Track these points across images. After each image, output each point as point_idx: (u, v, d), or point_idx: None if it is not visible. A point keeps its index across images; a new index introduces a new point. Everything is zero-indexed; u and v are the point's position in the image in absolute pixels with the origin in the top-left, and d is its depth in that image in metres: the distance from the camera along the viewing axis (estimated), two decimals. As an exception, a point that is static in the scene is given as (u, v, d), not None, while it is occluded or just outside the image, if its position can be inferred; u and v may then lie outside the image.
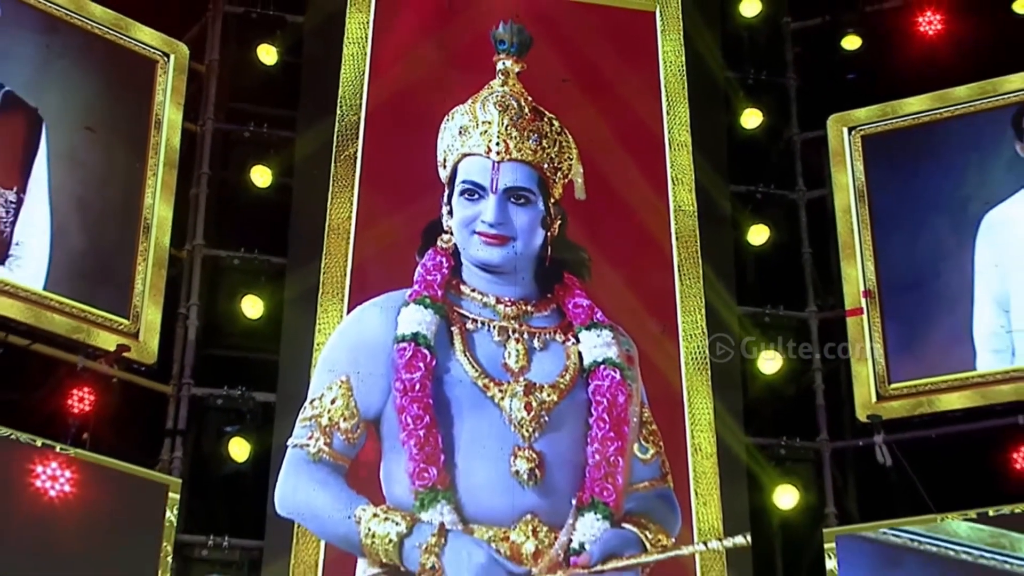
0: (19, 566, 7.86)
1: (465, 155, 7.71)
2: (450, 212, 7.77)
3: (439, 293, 7.63)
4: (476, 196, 7.65)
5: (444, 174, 7.80)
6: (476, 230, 7.65)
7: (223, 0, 10.05)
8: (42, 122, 8.91)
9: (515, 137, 7.68)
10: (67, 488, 8.10)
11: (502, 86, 7.93)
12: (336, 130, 9.43)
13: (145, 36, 9.51)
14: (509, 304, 7.66)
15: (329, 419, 7.32)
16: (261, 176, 9.68)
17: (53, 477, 8.07)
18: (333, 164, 9.33)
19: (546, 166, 7.71)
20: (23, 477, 8.05)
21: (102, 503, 8.28)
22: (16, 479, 8.04)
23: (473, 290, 7.72)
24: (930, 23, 10.21)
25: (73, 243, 8.90)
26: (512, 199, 7.63)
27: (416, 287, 7.69)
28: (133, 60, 9.47)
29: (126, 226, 9.11)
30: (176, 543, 8.46)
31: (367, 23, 9.74)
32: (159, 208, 9.21)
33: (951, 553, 8.44)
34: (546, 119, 7.90)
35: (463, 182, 7.69)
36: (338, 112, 9.48)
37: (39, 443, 8.18)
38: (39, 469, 8.06)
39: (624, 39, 10.09)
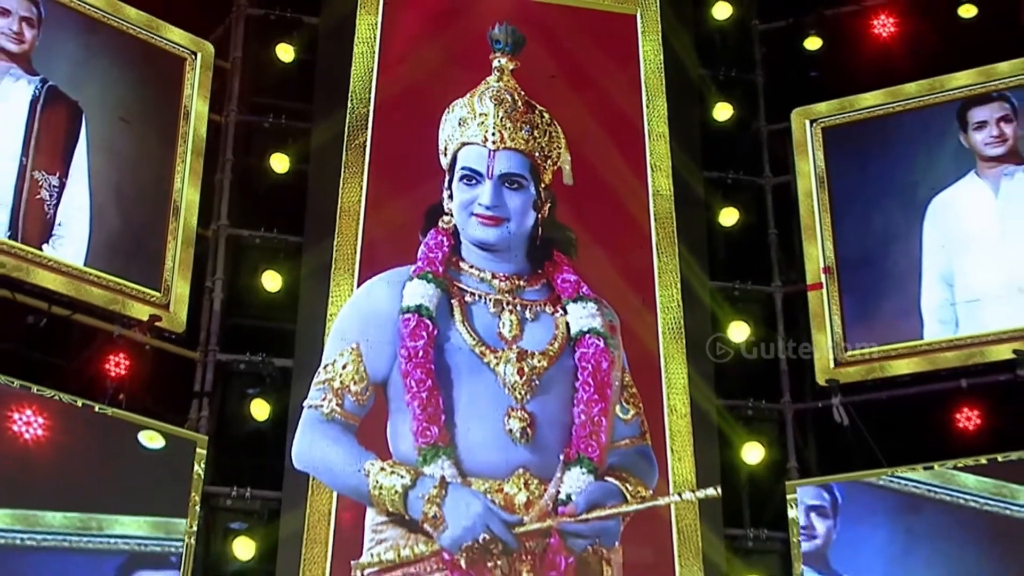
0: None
1: (464, 144, 7.79)
2: (450, 196, 7.85)
3: (440, 269, 7.71)
4: (474, 181, 7.73)
5: (445, 161, 7.89)
6: (474, 212, 7.74)
7: (245, 3, 10.05)
8: (82, 114, 8.96)
9: (509, 128, 7.76)
10: (105, 446, 8.24)
11: (497, 82, 8.00)
12: (347, 121, 9.49)
13: (175, 36, 9.56)
14: (503, 279, 7.74)
15: (341, 382, 7.42)
16: (279, 163, 9.70)
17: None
18: (345, 152, 9.39)
19: (537, 154, 7.80)
20: (65, 436, 8.12)
21: (136, 458, 8.35)
22: (59, 437, 8.07)
23: (471, 266, 7.80)
24: (884, 25, 10.28)
25: (110, 223, 8.94)
26: (506, 184, 7.72)
27: (419, 264, 7.77)
28: (164, 58, 9.51)
29: (157, 208, 9.16)
30: (204, 494, 8.51)
31: (375, 25, 9.77)
32: (187, 192, 9.27)
33: (960, 501, 8.52)
34: (537, 111, 7.97)
35: (462, 168, 7.77)
36: (349, 105, 9.54)
37: (80, 403, 8.24)
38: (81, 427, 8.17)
39: (607, 39, 10.11)
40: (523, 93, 8.05)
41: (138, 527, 8.15)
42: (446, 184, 7.90)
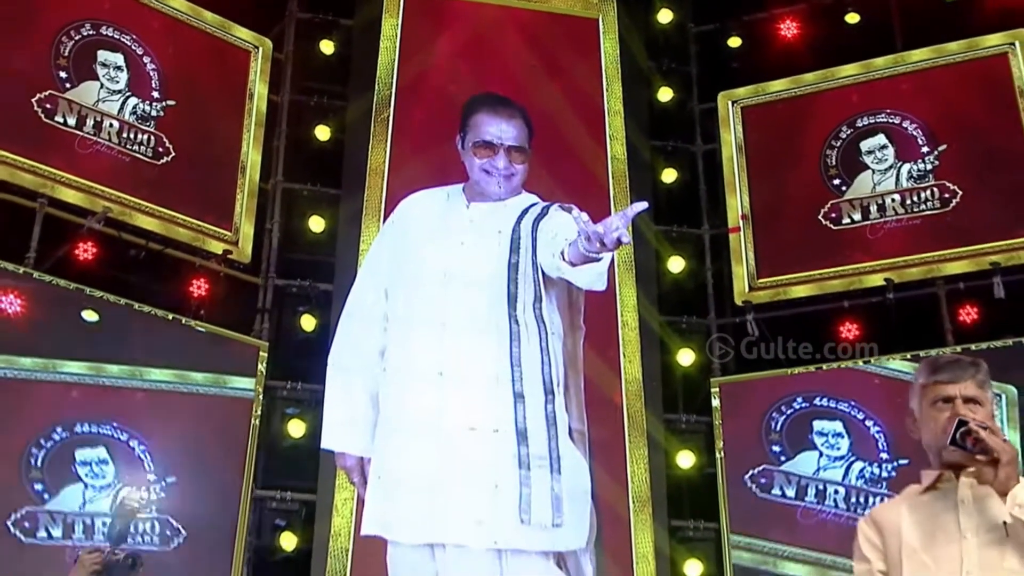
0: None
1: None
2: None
3: None
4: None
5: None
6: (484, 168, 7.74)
7: (296, 8, 10.06)
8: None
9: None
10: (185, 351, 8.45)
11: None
12: (375, 101, 9.54)
13: (242, 34, 9.64)
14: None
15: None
16: (322, 132, 9.75)
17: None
18: (373, 124, 9.46)
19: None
20: (162, 345, 8.34)
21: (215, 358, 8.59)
22: (156, 346, 8.30)
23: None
24: (789, 28, 10.34)
25: (194, 179, 9.08)
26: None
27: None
28: (234, 51, 9.57)
29: (229, 167, 9.23)
30: (265, 387, 8.72)
31: (397, 26, 9.80)
32: (251, 155, 9.33)
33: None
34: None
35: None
36: (376, 88, 9.59)
37: (171, 317, 8.45)
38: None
39: (576, 38, 10.13)
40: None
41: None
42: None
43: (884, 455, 8.63)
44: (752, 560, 8.63)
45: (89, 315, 8.05)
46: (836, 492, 8.63)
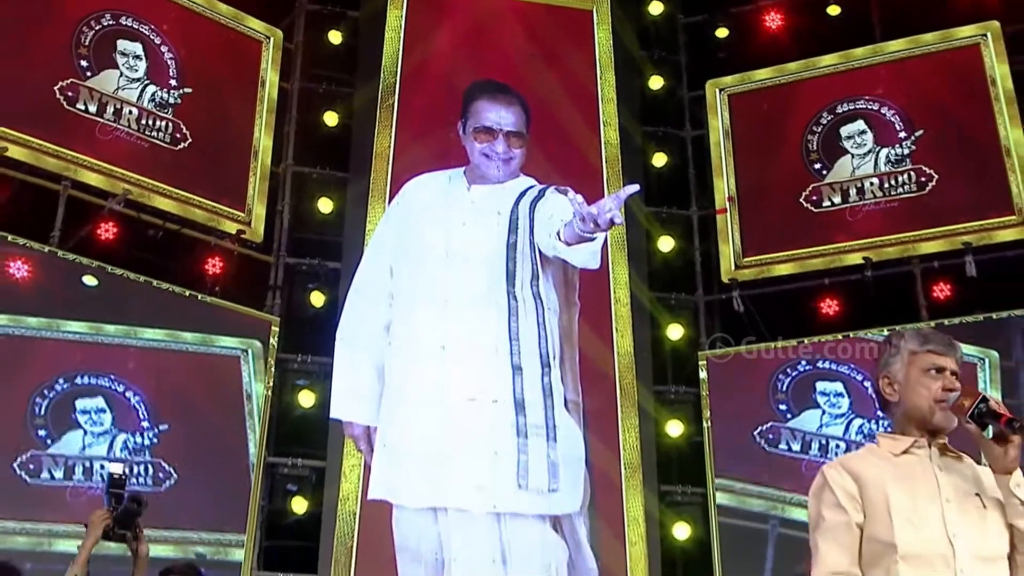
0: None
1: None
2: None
3: None
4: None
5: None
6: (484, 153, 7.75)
7: (306, 0, 10.04)
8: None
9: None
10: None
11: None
12: (380, 88, 9.49)
13: (255, 25, 9.59)
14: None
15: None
16: (330, 118, 9.75)
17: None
18: (378, 111, 9.41)
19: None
20: (178, 318, 8.41)
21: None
22: (175, 319, 8.38)
23: None
24: (773, 20, 10.31)
25: (209, 163, 9.05)
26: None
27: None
28: (246, 41, 9.53)
29: (242, 151, 9.20)
30: (277, 359, 8.72)
31: (401, 17, 9.76)
32: (263, 140, 9.30)
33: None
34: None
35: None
36: (381, 76, 9.55)
37: (187, 294, 8.48)
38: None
39: (571, 28, 10.09)
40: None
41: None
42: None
43: (880, 412, 8.53)
44: (762, 506, 8.76)
45: (89, 280, 8.12)
46: (837, 446, 8.72)
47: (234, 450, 8.15)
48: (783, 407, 8.97)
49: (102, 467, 7.32)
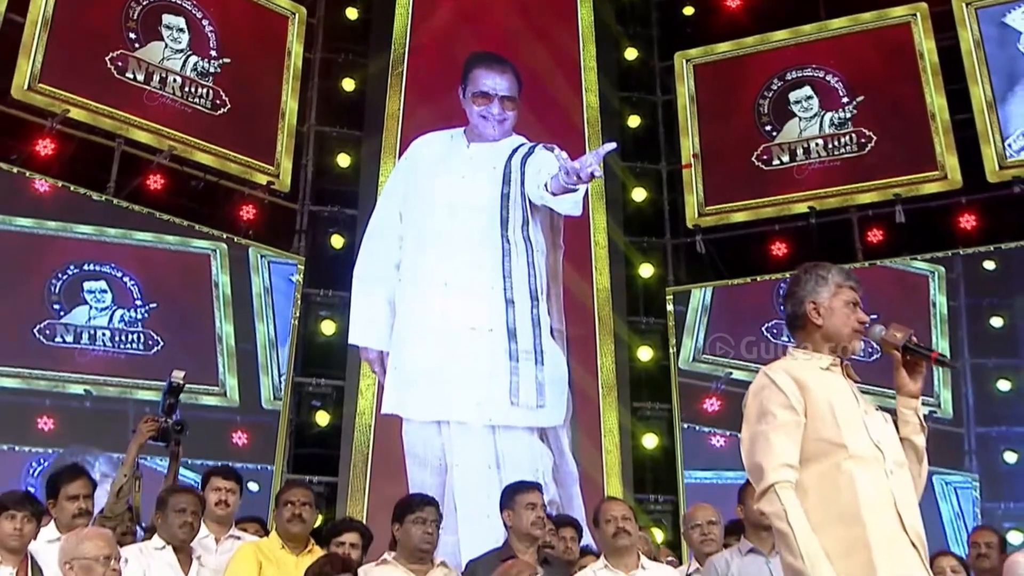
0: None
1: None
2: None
3: None
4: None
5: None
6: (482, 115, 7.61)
7: None
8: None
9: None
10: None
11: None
12: (391, 58, 9.45)
13: (282, 2, 9.50)
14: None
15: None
16: (348, 84, 9.68)
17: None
18: (389, 78, 9.37)
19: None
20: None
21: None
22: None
23: None
24: (733, 1, 10.29)
25: (244, 123, 9.00)
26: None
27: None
28: (275, 17, 9.46)
29: (272, 112, 9.17)
30: (302, 293, 8.75)
31: None
32: (289, 103, 9.26)
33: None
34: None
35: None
36: (392, 47, 9.50)
37: (225, 237, 8.52)
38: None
39: (558, 6, 10.00)
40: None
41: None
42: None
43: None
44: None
45: (97, 196, 8.20)
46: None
47: (205, 323, 8.47)
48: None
49: (103, 333, 7.92)
